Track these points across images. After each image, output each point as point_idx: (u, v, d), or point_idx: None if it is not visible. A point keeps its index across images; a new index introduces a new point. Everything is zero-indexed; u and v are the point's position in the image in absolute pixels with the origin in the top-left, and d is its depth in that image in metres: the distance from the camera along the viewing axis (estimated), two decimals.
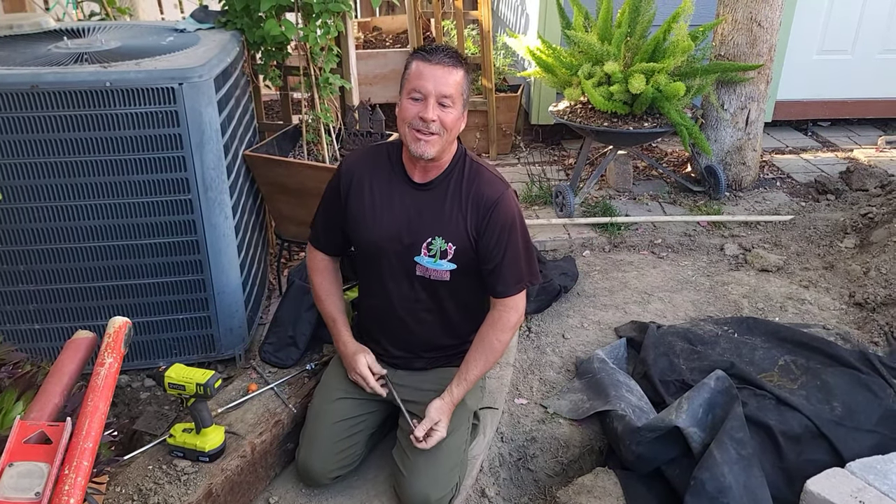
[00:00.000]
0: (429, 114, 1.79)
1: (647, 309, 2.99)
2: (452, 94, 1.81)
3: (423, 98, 1.80)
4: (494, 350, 2.00)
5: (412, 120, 1.81)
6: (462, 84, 1.84)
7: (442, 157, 1.91)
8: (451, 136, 1.86)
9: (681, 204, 3.93)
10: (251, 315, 2.54)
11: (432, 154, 1.85)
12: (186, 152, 2.12)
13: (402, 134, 1.87)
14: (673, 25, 3.47)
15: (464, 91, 1.86)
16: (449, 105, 1.81)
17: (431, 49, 1.83)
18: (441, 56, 1.81)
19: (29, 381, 1.45)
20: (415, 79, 1.81)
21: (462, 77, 1.84)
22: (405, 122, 1.84)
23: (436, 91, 1.79)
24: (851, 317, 2.88)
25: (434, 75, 1.79)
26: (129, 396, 2.37)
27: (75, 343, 1.38)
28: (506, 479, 2.25)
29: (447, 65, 1.80)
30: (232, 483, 1.89)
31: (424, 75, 1.80)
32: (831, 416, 2.23)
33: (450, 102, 1.81)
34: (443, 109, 1.81)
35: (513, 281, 1.97)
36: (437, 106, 1.80)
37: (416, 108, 1.81)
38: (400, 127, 1.87)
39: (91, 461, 1.11)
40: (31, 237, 2.15)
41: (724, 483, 1.93)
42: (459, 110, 1.85)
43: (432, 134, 1.81)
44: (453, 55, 1.83)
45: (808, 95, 5.03)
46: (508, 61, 4.84)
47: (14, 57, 2.18)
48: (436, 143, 1.83)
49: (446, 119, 1.81)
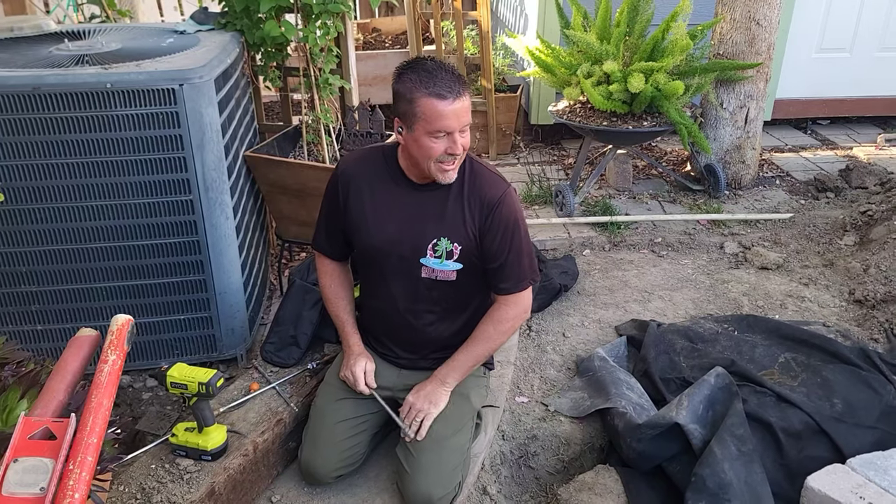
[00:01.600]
0: (458, 149, 1.81)
1: (648, 307, 2.99)
2: (469, 118, 1.83)
3: (448, 135, 1.79)
4: (490, 339, 2.00)
5: (440, 155, 1.82)
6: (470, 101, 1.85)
7: None
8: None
9: (680, 203, 3.94)
10: (252, 315, 2.55)
11: (455, 176, 1.89)
12: (187, 153, 2.13)
13: (425, 167, 1.85)
14: (671, 24, 3.48)
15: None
16: (467, 128, 1.83)
17: (439, 82, 1.77)
18: (454, 87, 1.77)
19: (33, 379, 1.46)
20: (436, 120, 1.77)
21: (468, 95, 1.83)
22: (430, 159, 1.82)
23: (459, 126, 1.79)
24: (851, 314, 2.89)
25: (455, 113, 1.77)
26: (131, 397, 2.38)
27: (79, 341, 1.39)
28: (507, 477, 2.26)
29: (460, 94, 1.77)
30: (234, 482, 1.90)
31: (446, 115, 1.76)
32: (832, 412, 2.23)
33: (467, 126, 1.83)
34: (463, 135, 1.82)
35: (516, 278, 1.98)
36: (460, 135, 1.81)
37: (442, 144, 1.80)
38: (421, 162, 1.85)
39: (95, 457, 1.12)
40: (33, 238, 2.16)
41: (725, 479, 1.93)
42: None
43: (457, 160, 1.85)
44: (459, 80, 1.79)
45: (807, 94, 5.04)
46: (508, 61, 4.85)
47: (16, 59, 2.19)
48: (458, 164, 1.87)
49: (467, 142, 1.84)
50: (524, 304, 2.02)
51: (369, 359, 2.09)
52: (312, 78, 2.73)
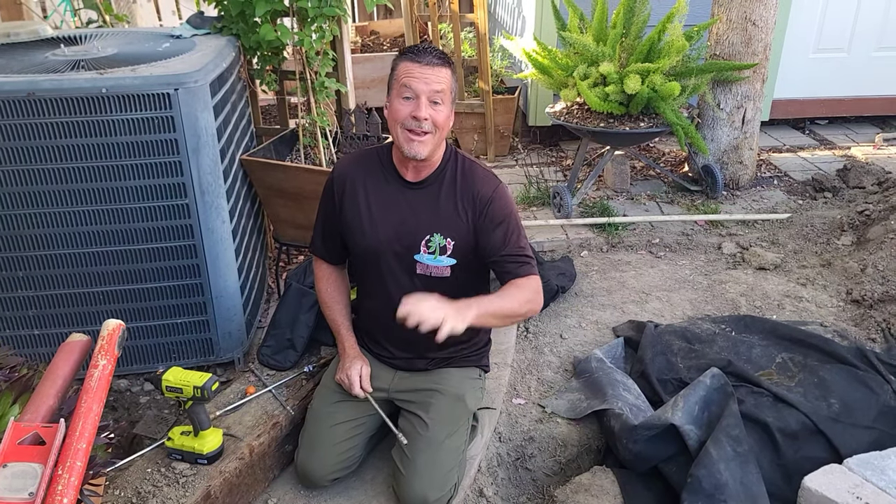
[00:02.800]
0: (421, 112, 1.82)
1: (645, 308, 2.99)
2: (443, 90, 1.84)
3: (415, 97, 1.83)
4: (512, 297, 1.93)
5: (405, 120, 1.84)
6: (450, 81, 1.88)
7: (433, 156, 1.93)
8: (442, 134, 1.90)
9: (678, 203, 3.94)
10: (250, 318, 2.55)
11: (425, 154, 1.88)
12: (183, 157, 2.13)
13: (395, 135, 1.89)
14: (668, 25, 3.48)
15: (452, 88, 1.89)
16: (439, 102, 1.84)
17: (419, 49, 1.86)
18: (429, 56, 1.84)
19: (25, 384, 1.47)
20: (405, 77, 1.84)
21: (450, 75, 1.87)
22: (397, 123, 1.86)
23: (427, 89, 1.82)
24: (849, 314, 2.88)
25: (424, 74, 1.82)
26: (128, 401, 2.38)
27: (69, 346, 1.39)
28: (504, 479, 2.26)
29: (436, 64, 1.84)
30: (230, 485, 1.90)
31: (415, 75, 1.82)
32: (829, 412, 2.23)
33: (440, 99, 1.84)
34: (434, 108, 1.84)
35: (519, 264, 1.97)
36: (428, 104, 1.83)
37: (408, 107, 1.83)
38: (392, 128, 1.89)
39: (84, 462, 1.12)
40: (29, 243, 2.17)
41: (721, 480, 1.93)
42: (449, 107, 1.89)
43: (425, 133, 1.84)
44: (440, 55, 1.87)
45: (804, 94, 5.04)
46: (505, 63, 4.86)
47: (11, 64, 2.20)
48: (428, 142, 1.86)
49: (438, 117, 1.84)
50: (535, 285, 1.98)
51: (365, 362, 2.09)
52: (308, 81, 2.73)
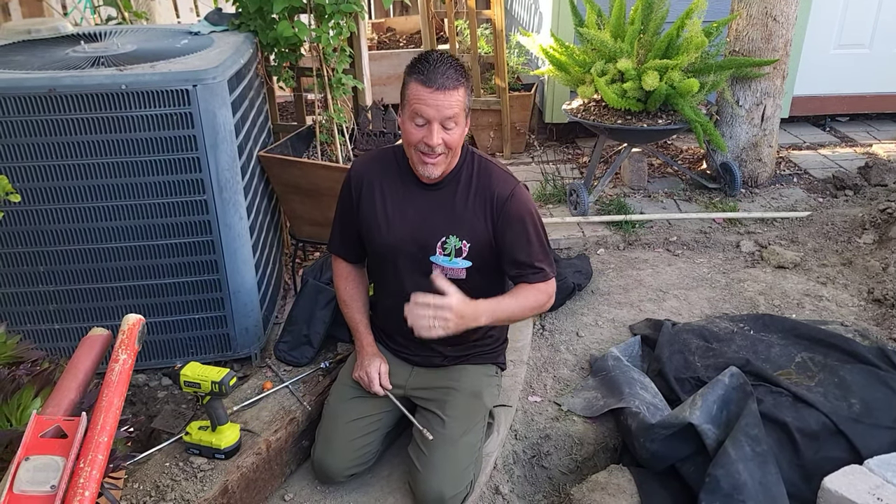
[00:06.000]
0: (433, 139, 1.78)
1: (662, 306, 2.97)
2: (456, 114, 1.79)
3: (427, 123, 1.78)
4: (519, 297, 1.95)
5: (417, 143, 1.82)
6: (464, 101, 1.81)
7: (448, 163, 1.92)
8: (456, 151, 1.87)
9: (696, 201, 3.91)
10: (266, 314, 2.56)
11: (438, 174, 1.87)
12: (201, 153, 2.14)
13: (409, 154, 1.88)
14: (686, 22, 3.45)
15: (466, 105, 1.84)
16: (452, 126, 1.80)
17: (429, 70, 1.77)
18: (441, 79, 1.75)
19: (47, 378, 1.48)
20: (415, 103, 1.78)
21: (463, 94, 1.81)
22: (410, 145, 1.84)
23: (439, 116, 1.77)
24: (870, 313, 2.85)
25: (436, 100, 1.75)
26: (146, 395, 2.40)
27: (90, 340, 1.40)
28: (520, 477, 2.25)
29: (448, 88, 1.76)
30: (247, 480, 1.91)
31: (426, 101, 1.76)
32: (849, 412, 2.20)
33: (453, 124, 1.80)
34: (447, 131, 1.80)
35: (535, 270, 1.96)
36: (441, 129, 1.78)
37: (419, 133, 1.80)
38: (406, 147, 1.88)
39: (106, 455, 1.13)
40: (50, 238, 2.19)
41: (740, 480, 1.92)
42: (462, 125, 1.85)
43: (438, 155, 1.83)
44: (452, 74, 1.77)
45: (825, 90, 4.98)
46: (522, 60, 4.84)
47: (32, 61, 2.22)
48: (441, 163, 1.85)
49: (451, 140, 1.81)
50: (549, 291, 2.00)
51: (383, 360, 2.09)
52: (325, 78, 2.73)
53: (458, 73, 1.80)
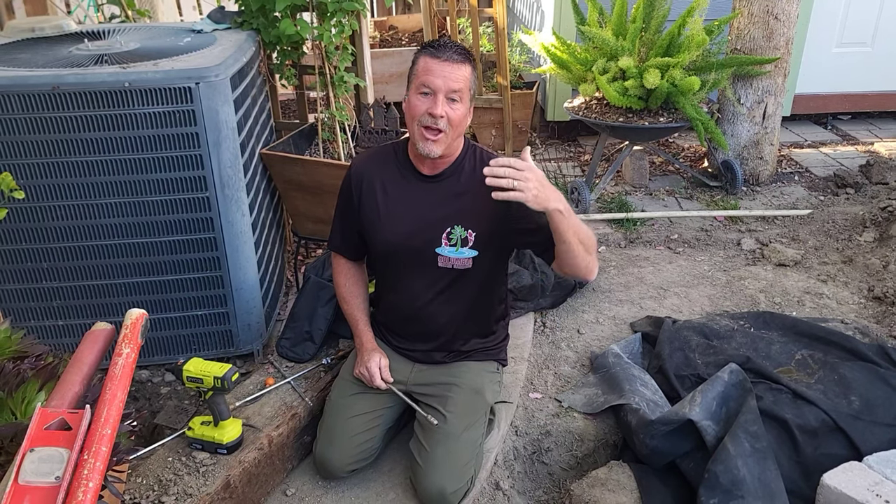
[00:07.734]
0: (438, 109, 1.81)
1: (663, 304, 2.98)
2: (461, 89, 1.83)
3: (433, 93, 1.82)
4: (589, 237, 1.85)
5: (421, 116, 1.84)
6: (470, 79, 1.86)
7: (449, 151, 1.93)
8: (457, 132, 1.89)
9: (697, 199, 3.91)
10: (269, 311, 2.57)
11: (439, 152, 1.88)
12: (203, 151, 2.16)
13: (411, 131, 1.89)
14: (688, 20, 3.46)
15: (471, 86, 1.88)
16: (457, 100, 1.84)
17: (439, 45, 1.85)
18: (449, 52, 1.83)
19: (51, 372, 1.50)
20: (423, 74, 1.83)
21: (470, 72, 1.86)
22: (414, 119, 1.86)
23: (445, 86, 1.82)
24: (870, 311, 2.85)
25: (443, 71, 1.81)
26: (150, 391, 2.41)
27: (94, 334, 1.42)
28: (520, 473, 2.26)
29: (456, 60, 1.83)
30: (249, 475, 1.93)
31: (434, 71, 1.82)
32: (849, 410, 2.21)
33: (458, 97, 1.84)
34: (451, 105, 1.83)
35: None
36: (445, 102, 1.82)
37: (425, 103, 1.83)
38: (408, 124, 1.90)
39: (109, 447, 1.14)
40: (53, 235, 2.20)
41: (739, 476, 1.92)
42: (467, 106, 1.88)
43: (440, 131, 1.84)
44: (461, 51, 1.85)
45: (827, 89, 4.98)
46: (524, 58, 4.85)
47: (36, 59, 2.23)
48: (442, 141, 1.86)
49: (454, 115, 1.84)
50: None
51: (382, 354, 2.10)
52: (328, 76, 2.75)
53: (467, 53, 1.87)
